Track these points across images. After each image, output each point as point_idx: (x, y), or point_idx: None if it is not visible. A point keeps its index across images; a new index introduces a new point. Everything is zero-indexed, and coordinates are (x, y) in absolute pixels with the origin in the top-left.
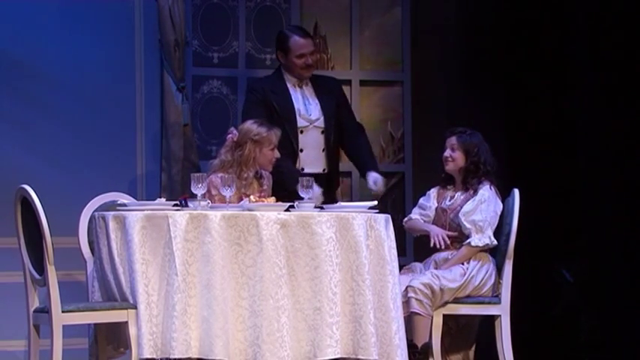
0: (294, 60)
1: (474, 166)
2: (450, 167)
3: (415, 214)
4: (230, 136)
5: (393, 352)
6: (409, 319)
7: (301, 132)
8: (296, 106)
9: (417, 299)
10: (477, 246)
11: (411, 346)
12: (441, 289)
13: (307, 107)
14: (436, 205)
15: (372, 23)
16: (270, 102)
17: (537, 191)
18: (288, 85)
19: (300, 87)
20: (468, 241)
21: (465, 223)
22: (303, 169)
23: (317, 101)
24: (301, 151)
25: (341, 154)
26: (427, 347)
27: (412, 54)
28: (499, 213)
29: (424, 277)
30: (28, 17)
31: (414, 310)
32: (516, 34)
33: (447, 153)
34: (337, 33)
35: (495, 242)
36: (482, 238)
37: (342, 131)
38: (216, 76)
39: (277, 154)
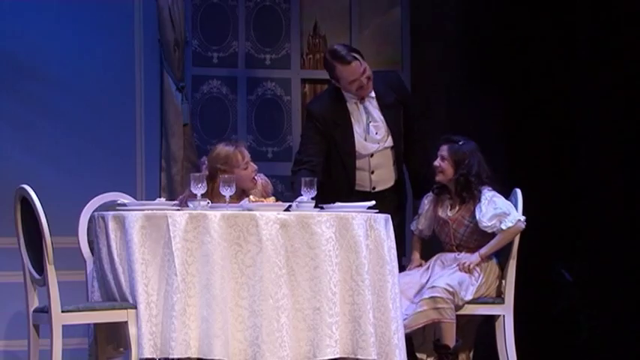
0: (348, 86)
1: (464, 178)
2: (439, 177)
3: (421, 224)
4: (203, 167)
5: (392, 352)
6: (437, 325)
7: (372, 155)
8: (357, 138)
9: (443, 308)
10: (508, 228)
11: (442, 347)
12: (462, 299)
13: (370, 128)
14: (433, 212)
15: (372, 23)
16: (331, 135)
17: (537, 192)
18: (349, 105)
19: (362, 102)
20: (499, 227)
21: (487, 223)
22: (374, 189)
23: (381, 117)
24: (372, 172)
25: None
26: (458, 347)
27: (412, 54)
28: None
29: (442, 289)
30: (28, 17)
31: (445, 321)
32: (516, 35)
33: (437, 162)
34: (337, 33)
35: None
36: (511, 218)
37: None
38: (216, 75)
39: (254, 166)
